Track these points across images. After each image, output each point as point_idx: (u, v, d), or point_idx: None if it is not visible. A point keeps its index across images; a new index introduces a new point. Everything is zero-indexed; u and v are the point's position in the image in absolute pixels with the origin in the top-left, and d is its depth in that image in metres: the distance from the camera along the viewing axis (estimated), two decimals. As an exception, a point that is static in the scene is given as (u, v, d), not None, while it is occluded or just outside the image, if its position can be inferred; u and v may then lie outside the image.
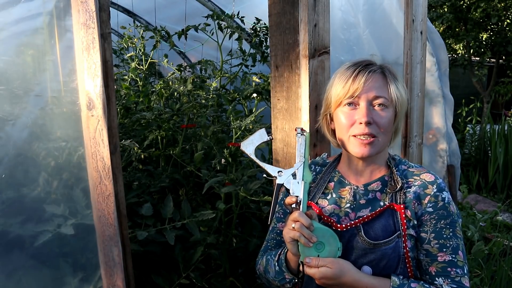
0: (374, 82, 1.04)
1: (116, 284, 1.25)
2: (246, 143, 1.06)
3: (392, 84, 1.06)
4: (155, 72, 3.08)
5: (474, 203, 4.32)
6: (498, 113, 7.74)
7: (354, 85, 1.04)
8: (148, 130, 2.31)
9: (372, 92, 1.04)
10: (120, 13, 3.71)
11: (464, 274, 1.03)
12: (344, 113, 1.07)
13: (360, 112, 1.04)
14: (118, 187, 1.25)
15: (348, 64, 1.10)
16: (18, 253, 1.30)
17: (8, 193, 1.28)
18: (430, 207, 1.05)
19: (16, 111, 1.31)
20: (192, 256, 1.81)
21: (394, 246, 1.03)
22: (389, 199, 1.08)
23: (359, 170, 1.13)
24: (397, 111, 1.08)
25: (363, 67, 1.06)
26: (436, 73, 2.49)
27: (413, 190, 1.07)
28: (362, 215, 1.08)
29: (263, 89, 2.25)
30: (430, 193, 1.05)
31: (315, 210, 1.12)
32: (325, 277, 1.00)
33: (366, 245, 1.04)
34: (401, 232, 1.04)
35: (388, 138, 1.09)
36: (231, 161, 1.99)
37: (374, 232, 1.05)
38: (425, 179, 1.08)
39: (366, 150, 1.05)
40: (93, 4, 1.14)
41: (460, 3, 6.59)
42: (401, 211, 1.05)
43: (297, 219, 0.99)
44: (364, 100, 1.04)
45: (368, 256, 1.04)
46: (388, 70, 1.08)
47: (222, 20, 2.40)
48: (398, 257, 1.04)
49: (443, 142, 2.54)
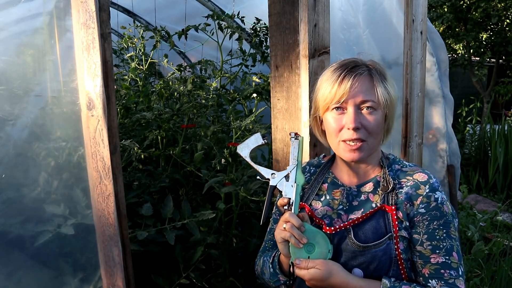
0: (360, 86, 1.02)
1: (116, 284, 1.25)
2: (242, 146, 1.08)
3: (380, 86, 1.04)
4: (155, 72, 3.08)
5: (474, 203, 4.32)
6: (498, 113, 7.74)
7: (340, 91, 1.02)
8: (148, 130, 2.31)
9: (359, 96, 1.02)
10: (120, 13, 3.70)
11: (458, 276, 1.01)
12: (332, 118, 1.06)
13: (347, 117, 1.03)
14: (118, 187, 1.25)
15: (334, 66, 1.07)
16: (18, 253, 1.30)
17: (8, 193, 1.28)
18: (422, 208, 1.03)
19: (16, 111, 1.31)
20: (192, 256, 1.81)
21: (385, 248, 1.02)
22: (380, 200, 1.06)
23: (351, 171, 1.13)
24: (386, 112, 1.06)
25: (349, 70, 1.03)
26: (436, 73, 2.49)
27: (404, 191, 1.05)
28: (354, 217, 1.07)
29: (263, 89, 2.25)
30: (422, 194, 1.03)
31: (308, 213, 1.11)
32: (314, 279, 1.00)
33: (355, 247, 1.03)
34: (393, 234, 1.03)
35: (378, 140, 1.07)
36: (231, 161, 1.99)
37: (365, 234, 1.04)
38: (417, 179, 1.06)
39: (355, 155, 1.04)
40: (93, 4, 1.14)
41: (460, 3, 6.59)
42: (392, 213, 1.04)
43: (288, 220, 1.00)
44: (351, 105, 1.02)
45: (358, 259, 1.03)
46: (375, 70, 1.05)
47: (222, 20, 2.40)
48: (389, 259, 1.03)
49: (443, 142, 2.54)
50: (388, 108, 1.06)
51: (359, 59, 1.09)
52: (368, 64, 1.07)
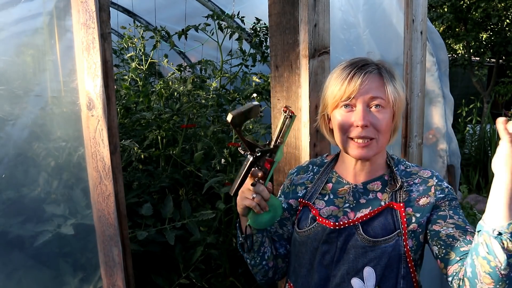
0: (370, 83, 1.03)
1: (116, 284, 1.25)
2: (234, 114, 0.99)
3: (389, 84, 1.05)
4: (155, 72, 3.08)
5: (474, 203, 4.32)
6: (498, 113, 7.75)
7: (350, 87, 1.03)
8: (148, 130, 2.31)
9: (368, 94, 1.03)
10: (120, 13, 3.70)
11: None
12: (341, 115, 1.06)
13: (357, 115, 1.03)
14: (118, 187, 1.25)
15: (344, 64, 1.08)
16: (18, 253, 1.30)
17: (8, 193, 1.28)
18: (439, 194, 1.06)
19: (16, 111, 1.31)
20: (192, 256, 1.81)
21: (394, 244, 1.03)
22: (389, 198, 1.07)
23: (357, 170, 1.13)
24: (394, 110, 1.07)
25: (359, 68, 1.04)
26: (436, 73, 2.48)
27: (415, 189, 1.07)
28: (362, 215, 1.07)
29: (263, 89, 2.25)
30: (433, 184, 1.07)
31: (312, 211, 1.11)
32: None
33: (365, 242, 1.03)
34: (401, 230, 1.03)
35: (386, 139, 1.08)
36: (231, 161, 1.99)
37: (373, 230, 1.04)
38: (423, 176, 1.10)
39: (364, 152, 1.05)
40: (93, 4, 1.14)
41: (460, 3, 6.59)
42: (400, 210, 1.05)
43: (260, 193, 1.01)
44: (360, 102, 1.03)
45: (369, 255, 1.03)
46: (384, 69, 1.07)
47: (222, 20, 2.40)
48: (398, 256, 1.03)
49: (443, 142, 2.54)
50: (396, 107, 1.07)
51: (369, 58, 1.10)
52: (377, 63, 1.08)
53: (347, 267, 1.05)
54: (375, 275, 1.03)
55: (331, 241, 1.07)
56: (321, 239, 1.07)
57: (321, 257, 1.08)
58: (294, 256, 1.16)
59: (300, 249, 1.13)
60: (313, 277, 1.09)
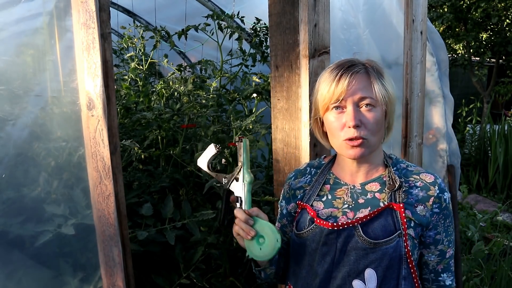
0: (358, 84, 1.03)
1: (116, 284, 1.25)
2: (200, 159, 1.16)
3: (377, 83, 1.05)
4: (155, 72, 3.08)
5: (474, 203, 4.32)
6: (498, 113, 7.74)
7: (338, 89, 1.03)
8: (148, 130, 2.31)
9: (357, 94, 1.03)
10: (120, 13, 3.70)
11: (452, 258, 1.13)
12: (333, 117, 1.07)
13: (347, 115, 1.04)
14: (118, 187, 1.25)
15: (331, 67, 1.09)
16: (18, 253, 1.30)
17: (8, 193, 1.28)
18: (436, 208, 1.07)
19: (16, 111, 1.31)
20: (192, 256, 1.81)
21: (395, 245, 1.03)
22: (388, 198, 1.07)
23: (354, 170, 1.13)
24: (386, 108, 1.08)
25: (346, 69, 1.05)
26: (436, 73, 2.48)
27: (415, 192, 1.07)
28: (361, 216, 1.07)
29: (263, 89, 2.25)
30: (433, 195, 1.07)
31: (310, 213, 1.11)
32: None
33: (366, 244, 1.03)
34: (402, 231, 1.04)
35: (379, 137, 1.08)
36: (231, 161, 1.99)
37: (374, 232, 1.04)
38: (425, 180, 1.09)
39: (358, 152, 1.05)
40: (93, 4, 1.14)
41: (460, 3, 6.59)
42: (400, 210, 1.05)
43: (236, 216, 1.06)
44: (350, 103, 1.04)
45: (370, 256, 1.04)
46: (372, 68, 1.07)
47: (222, 20, 2.40)
48: (399, 257, 1.03)
49: (443, 142, 2.54)
50: (387, 104, 1.07)
51: (356, 58, 1.10)
52: (364, 62, 1.08)
53: (348, 269, 1.05)
54: (376, 276, 1.03)
55: (331, 243, 1.06)
56: (320, 241, 1.07)
57: (321, 258, 1.08)
58: (293, 258, 1.17)
59: (299, 250, 1.13)
60: (313, 278, 1.09)
